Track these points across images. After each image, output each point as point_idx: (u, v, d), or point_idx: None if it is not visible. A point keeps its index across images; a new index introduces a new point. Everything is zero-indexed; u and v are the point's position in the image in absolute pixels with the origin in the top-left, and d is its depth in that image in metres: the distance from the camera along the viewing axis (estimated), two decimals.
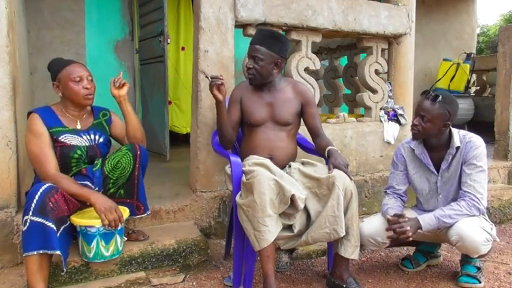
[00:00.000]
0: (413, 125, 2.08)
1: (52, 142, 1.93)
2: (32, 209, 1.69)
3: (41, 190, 1.73)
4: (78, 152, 1.98)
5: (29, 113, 1.95)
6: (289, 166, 2.14)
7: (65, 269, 1.81)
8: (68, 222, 1.86)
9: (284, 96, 2.18)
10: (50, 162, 1.88)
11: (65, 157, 1.96)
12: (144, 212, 2.14)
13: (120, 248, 2.01)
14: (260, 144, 2.13)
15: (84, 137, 2.03)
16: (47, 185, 1.77)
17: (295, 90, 2.21)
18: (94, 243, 1.89)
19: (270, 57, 2.09)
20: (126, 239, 2.12)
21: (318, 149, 2.20)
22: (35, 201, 1.70)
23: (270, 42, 2.09)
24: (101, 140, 2.09)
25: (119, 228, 1.91)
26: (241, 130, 2.28)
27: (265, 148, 2.12)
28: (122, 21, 4.59)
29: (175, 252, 2.18)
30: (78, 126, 2.05)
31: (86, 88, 1.98)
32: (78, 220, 1.87)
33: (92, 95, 2.02)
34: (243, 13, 2.58)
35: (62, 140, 1.95)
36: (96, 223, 1.85)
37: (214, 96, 2.06)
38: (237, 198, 1.92)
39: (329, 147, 2.08)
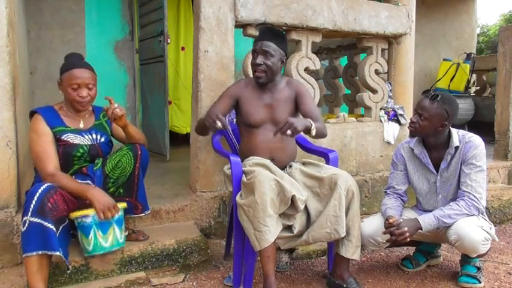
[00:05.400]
0: (410, 122, 2.09)
1: (55, 141, 1.94)
2: (30, 209, 1.69)
3: (39, 191, 1.73)
4: (81, 150, 1.99)
5: (32, 113, 1.96)
6: (290, 166, 2.13)
7: (70, 267, 1.84)
8: (67, 221, 1.87)
9: (283, 97, 2.16)
10: (51, 161, 1.88)
11: (68, 155, 1.97)
12: (142, 211, 2.15)
13: (121, 240, 2.00)
14: (260, 146, 2.11)
15: (86, 136, 2.04)
16: (46, 185, 1.77)
17: (289, 86, 2.20)
18: (92, 234, 1.90)
19: (279, 53, 2.08)
20: (127, 233, 2.12)
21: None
22: (33, 201, 1.70)
23: (278, 39, 2.09)
24: (103, 139, 2.09)
25: (116, 218, 1.91)
26: (238, 130, 2.27)
27: (266, 150, 2.10)
28: (122, 21, 4.59)
29: (175, 252, 2.18)
30: (81, 125, 2.05)
31: (80, 96, 1.95)
32: (73, 213, 1.88)
33: (86, 102, 1.98)
34: (243, 13, 2.58)
35: (65, 138, 1.96)
36: (90, 211, 1.86)
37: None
38: (238, 198, 1.92)
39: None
